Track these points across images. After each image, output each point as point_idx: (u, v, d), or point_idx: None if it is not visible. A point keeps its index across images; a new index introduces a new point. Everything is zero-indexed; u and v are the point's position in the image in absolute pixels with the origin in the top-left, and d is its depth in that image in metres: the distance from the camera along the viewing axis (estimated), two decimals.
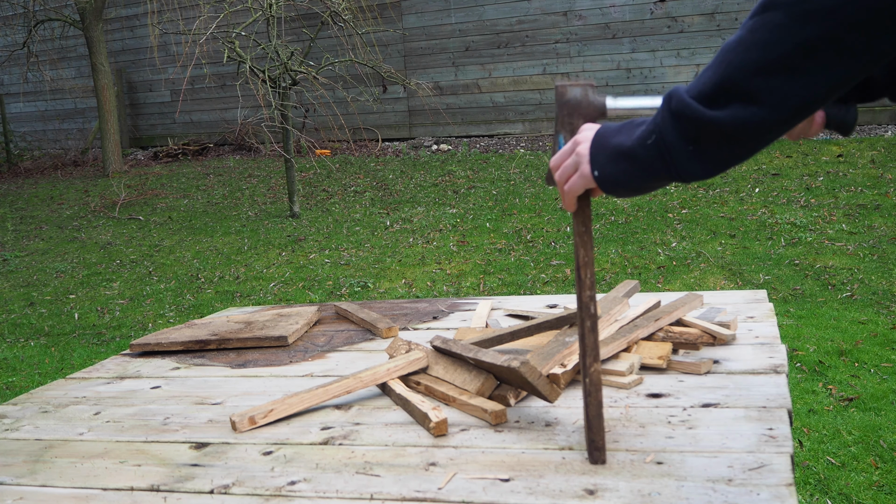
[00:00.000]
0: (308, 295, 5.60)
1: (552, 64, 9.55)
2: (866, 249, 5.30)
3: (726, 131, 0.94)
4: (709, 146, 0.97)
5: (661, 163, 1.01)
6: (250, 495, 1.26)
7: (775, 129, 0.94)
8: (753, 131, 0.94)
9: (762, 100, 0.91)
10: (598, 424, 1.24)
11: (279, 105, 7.11)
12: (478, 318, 2.13)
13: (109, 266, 6.91)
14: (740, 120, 0.93)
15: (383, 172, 9.00)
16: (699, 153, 0.98)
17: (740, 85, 0.92)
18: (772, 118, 0.92)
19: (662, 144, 1.00)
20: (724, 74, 0.93)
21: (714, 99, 0.94)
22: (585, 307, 1.24)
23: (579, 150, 1.13)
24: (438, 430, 1.40)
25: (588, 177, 1.12)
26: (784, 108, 0.91)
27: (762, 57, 0.90)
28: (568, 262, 5.65)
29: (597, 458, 1.24)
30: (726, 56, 0.94)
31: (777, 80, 0.90)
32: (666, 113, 1.00)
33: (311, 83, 7.73)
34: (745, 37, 0.92)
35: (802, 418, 3.24)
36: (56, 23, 11.45)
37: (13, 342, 5.40)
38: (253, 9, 7.42)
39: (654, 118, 1.03)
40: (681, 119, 0.98)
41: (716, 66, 0.95)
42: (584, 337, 1.25)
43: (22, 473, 1.43)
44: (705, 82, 0.96)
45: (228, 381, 1.88)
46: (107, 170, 10.52)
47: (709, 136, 0.96)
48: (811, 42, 0.87)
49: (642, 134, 1.03)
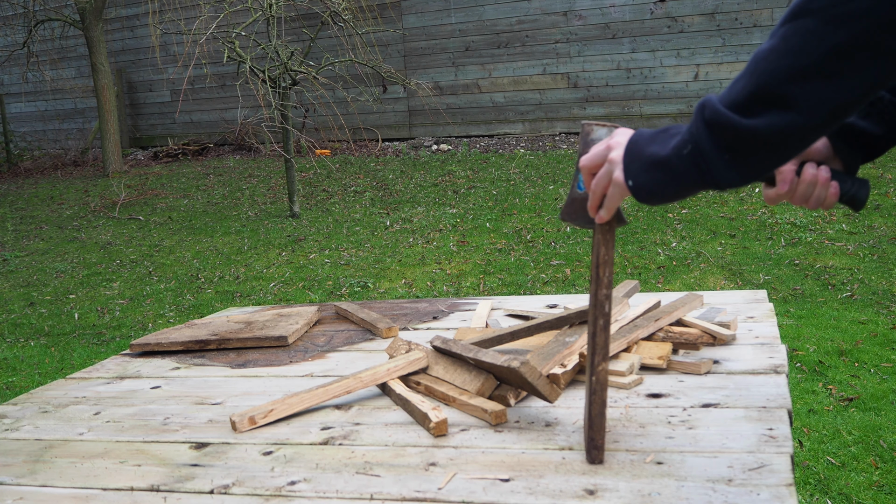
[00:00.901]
0: (308, 295, 5.60)
1: (552, 64, 9.55)
2: (866, 249, 5.30)
3: (763, 139, 0.95)
4: (745, 154, 0.98)
5: (696, 172, 1.01)
6: (250, 495, 1.26)
7: (812, 134, 0.95)
8: (790, 138, 0.94)
9: (798, 106, 0.92)
10: (599, 423, 1.23)
11: (279, 105, 7.11)
12: (478, 318, 2.13)
13: (109, 266, 6.91)
14: (777, 127, 0.93)
15: (383, 172, 9.00)
16: (736, 161, 0.98)
17: (775, 92, 0.92)
18: (809, 124, 0.93)
19: (698, 154, 1.00)
20: (757, 83, 0.94)
21: (749, 107, 0.95)
22: (600, 305, 1.23)
23: (612, 157, 1.13)
24: (438, 430, 1.40)
25: (622, 185, 1.11)
26: (820, 112, 0.92)
27: (796, 63, 0.91)
28: (568, 262, 5.65)
29: (595, 457, 1.23)
30: (759, 65, 0.94)
31: (812, 85, 0.90)
32: (700, 123, 1.00)
33: (311, 83, 7.73)
34: (778, 45, 0.93)
35: (802, 418, 3.24)
36: (56, 23, 11.45)
37: (13, 342, 5.40)
38: (253, 9, 7.42)
39: (689, 128, 1.02)
40: (715, 128, 0.98)
41: (748, 74, 0.95)
42: (595, 335, 1.24)
43: (22, 473, 1.43)
44: (739, 91, 0.96)
45: (228, 381, 1.88)
46: (107, 170, 10.52)
47: (745, 145, 0.97)
48: (845, 45, 0.88)
49: (678, 144, 1.03)
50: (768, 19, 8.49)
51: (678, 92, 8.96)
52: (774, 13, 8.46)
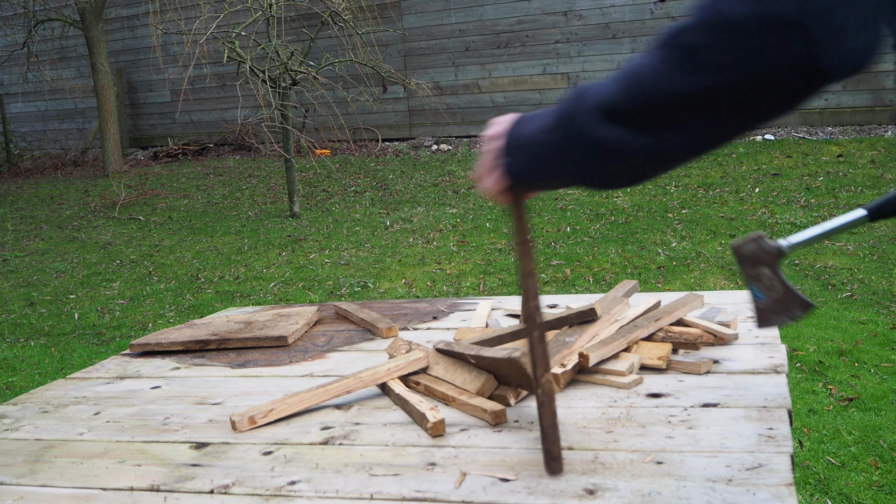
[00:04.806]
0: (308, 295, 5.59)
1: (552, 64, 9.55)
2: (866, 249, 5.30)
3: (608, 150, 0.93)
4: (593, 160, 0.96)
5: (560, 158, 1.00)
6: (250, 495, 1.26)
7: (657, 164, 0.93)
8: (634, 158, 0.92)
9: (648, 134, 0.89)
10: (553, 435, 1.23)
11: (279, 105, 7.11)
12: (478, 318, 2.13)
13: (109, 266, 6.91)
14: (624, 145, 0.91)
15: (383, 172, 9.00)
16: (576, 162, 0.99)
17: (633, 113, 0.90)
18: (653, 152, 0.91)
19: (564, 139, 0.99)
20: (626, 97, 0.90)
21: (613, 115, 0.92)
22: (531, 318, 1.26)
23: (493, 146, 1.12)
24: (436, 430, 1.40)
25: (503, 169, 1.11)
26: (668, 149, 0.90)
27: (655, 95, 0.87)
28: (568, 262, 5.65)
29: (554, 468, 1.22)
30: (630, 79, 0.91)
31: (665, 120, 0.88)
32: (575, 109, 0.97)
33: (311, 83, 7.73)
34: (647, 68, 0.88)
35: (802, 418, 3.24)
36: (56, 23, 11.45)
37: (13, 342, 5.40)
38: (253, 9, 7.42)
39: (560, 110, 1.00)
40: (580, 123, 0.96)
41: (622, 82, 0.92)
42: (533, 347, 1.25)
43: (22, 473, 1.43)
44: (612, 96, 0.93)
45: (228, 381, 1.88)
46: (107, 170, 10.52)
47: (595, 151, 0.95)
48: (695, 93, 0.84)
49: (545, 126, 1.02)
50: None
51: None
52: None
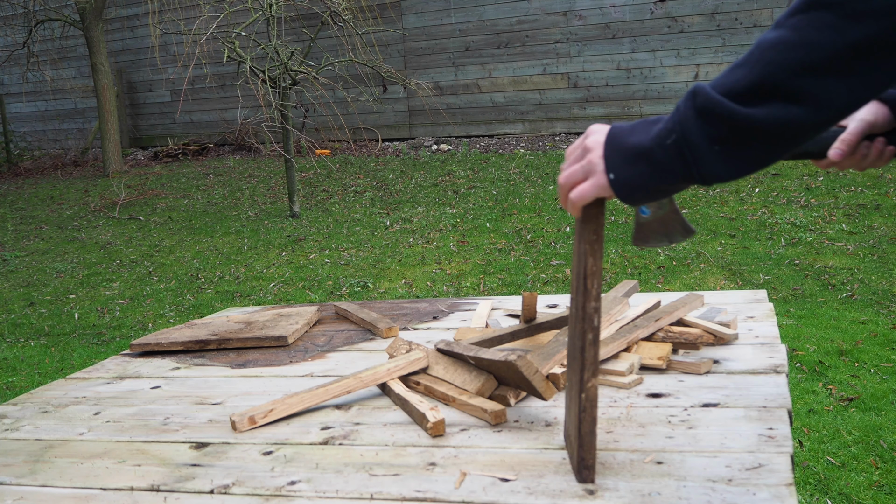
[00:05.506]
0: (308, 295, 5.59)
1: (552, 64, 9.55)
2: (866, 249, 5.30)
3: (761, 131, 0.90)
4: (737, 147, 0.92)
5: (681, 163, 0.94)
6: (250, 495, 1.26)
7: (812, 130, 0.90)
8: (789, 132, 0.90)
9: (806, 101, 0.88)
10: (590, 442, 1.17)
11: (279, 105, 7.11)
12: (478, 318, 2.13)
13: (109, 266, 6.91)
14: (779, 120, 0.88)
15: (383, 172, 9.00)
16: (726, 154, 0.92)
17: (783, 84, 0.88)
18: (812, 120, 0.89)
19: (684, 143, 0.93)
20: (763, 72, 0.89)
21: (749, 97, 0.89)
22: (589, 319, 1.15)
23: (591, 158, 1.03)
24: (436, 430, 1.40)
25: (603, 183, 1.02)
26: (827, 109, 0.88)
27: (808, 56, 0.86)
28: (568, 262, 5.65)
29: (586, 476, 1.17)
30: (765, 54, 0.89)
31: (824, 80, 0.87)
32: (690, 111, 0.93)
33: (311, 83, 7.73)
34: (789, 35, 0.88)
35: (802, 418, 3.24)
36: (56, 23, 11.45)
37: (13, 342, 5.40)
38: (253, 9, 7.42)
39: (673, 116, 0.95)
40: (708, 117, 0.91)
41: (752, 63, 0.90)
42: (584, 350, 1.16)
43: (22, 473, 1.43)
44: (738, 80, 0.90)
45: (228, 381, 1.88)
46: (107, 170, 10.52)
47: (739, 136, 0.91)
48: (864, 43, 0.84)
49: (660, 132, 0.96)
50: (768, 19, 8.49)
51: (678, 92, 8.95)
52: (774, 13, 8.45)
